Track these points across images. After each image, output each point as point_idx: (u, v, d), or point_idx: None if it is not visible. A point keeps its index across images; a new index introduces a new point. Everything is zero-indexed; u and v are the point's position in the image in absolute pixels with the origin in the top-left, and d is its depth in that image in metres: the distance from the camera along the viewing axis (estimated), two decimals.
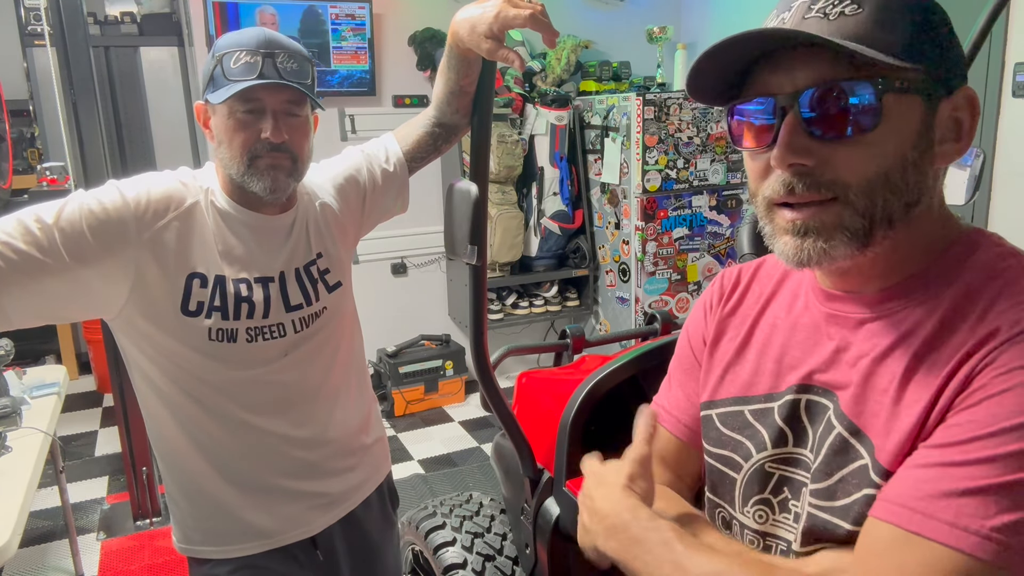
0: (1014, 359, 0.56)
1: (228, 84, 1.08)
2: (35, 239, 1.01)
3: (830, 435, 0.68)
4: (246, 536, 1.23)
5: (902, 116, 0.61)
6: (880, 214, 0.62)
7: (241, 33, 1.12)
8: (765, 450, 0.74)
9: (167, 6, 4.10)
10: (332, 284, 1.26)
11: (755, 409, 0.76)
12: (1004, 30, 2.80)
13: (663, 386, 0.91)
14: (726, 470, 0.78)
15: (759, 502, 0.74)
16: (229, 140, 1.11)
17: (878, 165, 0.61)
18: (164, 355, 1.14)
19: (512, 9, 1.04)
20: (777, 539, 0.73)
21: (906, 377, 0.63)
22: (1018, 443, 0.54)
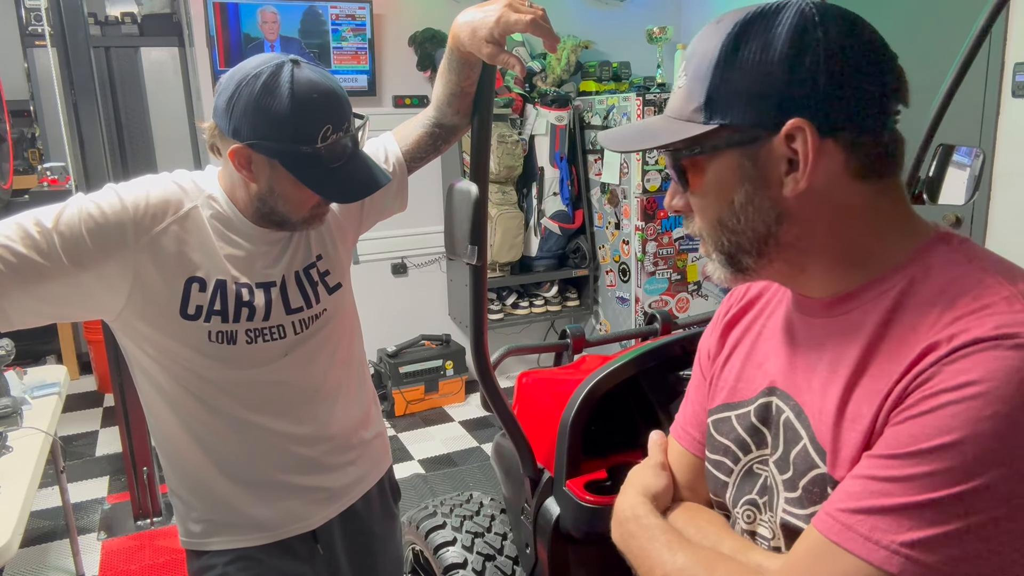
0: (945, 379, 0.57)
1: (319, 165, 1.06)
2: (34, 243, 1.01)
3: (795, 444, 0.71)
4: (246, 528, 1.24)
5: (716, 170, 0.68)
6: (731, 248, 0.70)
7: (315, 86, 1.05)
8: (751, 452, 0.77)
9: (167, 6, 4.11)
10: (332, 286, 1.26)
11: (739, 414, 0.79)
12: (1004, 30, 2.80)
13: (682, 403, 0.94)
14: (720, 475, 0.81)
15: (747, 503, 0.77)
16: (293, 199, 1.11)
17: (710, 213, 0.70)
18: (165, 355, 1.15)
19: (513, 14, 1.04)
20: (762, 538, 0.76)
21: (850, 388, 0.65)
22: (932, 464, 0.55)
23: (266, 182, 1.10)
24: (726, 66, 0.65)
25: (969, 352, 0.57)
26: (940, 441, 0.55)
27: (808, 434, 0.69)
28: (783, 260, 0.70)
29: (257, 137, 1.05)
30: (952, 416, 0.55)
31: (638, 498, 0.82)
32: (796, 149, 0.63)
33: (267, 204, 1.13)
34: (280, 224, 1.16)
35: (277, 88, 1.03)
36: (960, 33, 1.44)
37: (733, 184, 0.67)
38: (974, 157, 1.43)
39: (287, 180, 1.08)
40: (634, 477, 0.87)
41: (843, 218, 0.67)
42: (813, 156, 0.63)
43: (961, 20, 2.56)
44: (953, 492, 0.55)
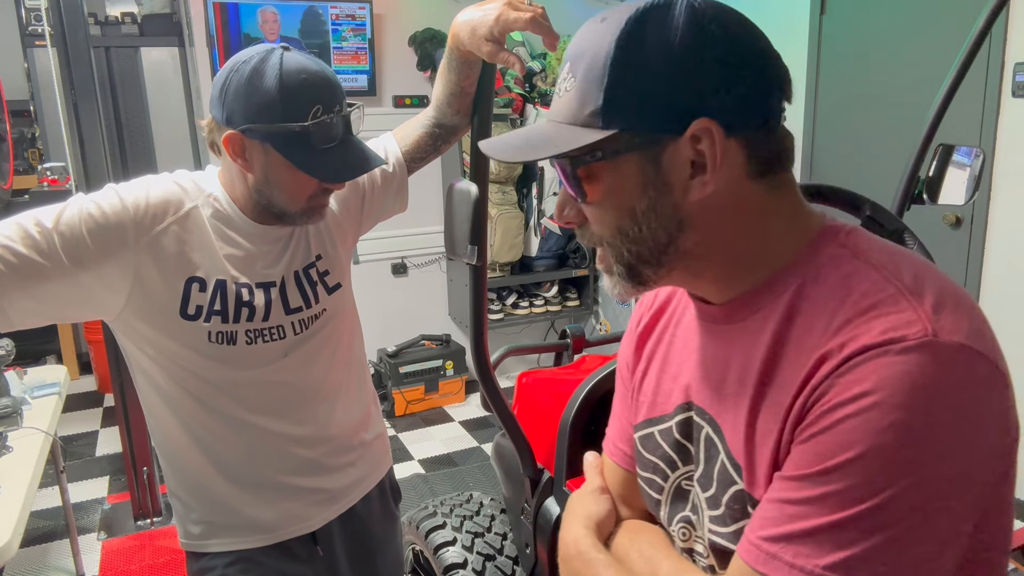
0: (840, 392, 0.56)
1: (310, 147, 1.06)
2: (35, 243, 1.01)
3: (715, 460, 0.69)
4: (246, 530, 1.24)
5: (617, 177, 0.64)
6: (633, 259, 0.66)
7: (304, 75, 1.05)
8: (677, 468, 0.74)
9: (167, 6, 4.10)
10: (332, 286, 1.26)
11: (662, 429, 0.76)
12: (1004, 30, 2.80)
13: (611, 416, 0.90)
14: (652, 492, 0.78)
15: (681, 520, 0.75)
16: (290, 188, 1.11)
17: (611, 221, 0.66)
18: (165, 355, 1.15)
19: (513, 12, 1.04)
20: (700, 555, 0.73)
21: (757, 401, 0.64)
22: (840, 482, 0.55)
23: (261, 170, 1.10)
24: (623, 67, 0.60)
25: (860, 361, 0.55)
26: (844, 457, 0.54)
27: (724, 449, 0.67)
28: (682, 268, 0.67)
29: (248, 121, 1.05)
30: (852, 430, 0.54)
31: (581, 531, 0.79)
32: (702, 151, 0.61)
33: (264, 195, 1.12)
34: (279, 217, 1.15)
35: (265, 71, 1.04)
36: (960, 33, 1.44)
37: (635, 191, 0.63)
38: (974, 157, 1.43)
39: (281, 166, 1.08)
40: (575, 506, 0.84)
41: (740, 220, 0.64)
42: (720, 157, 0.60)
43: (961, 20, 2.55)
44: (865, 508, 0.54)
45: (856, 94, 3.43)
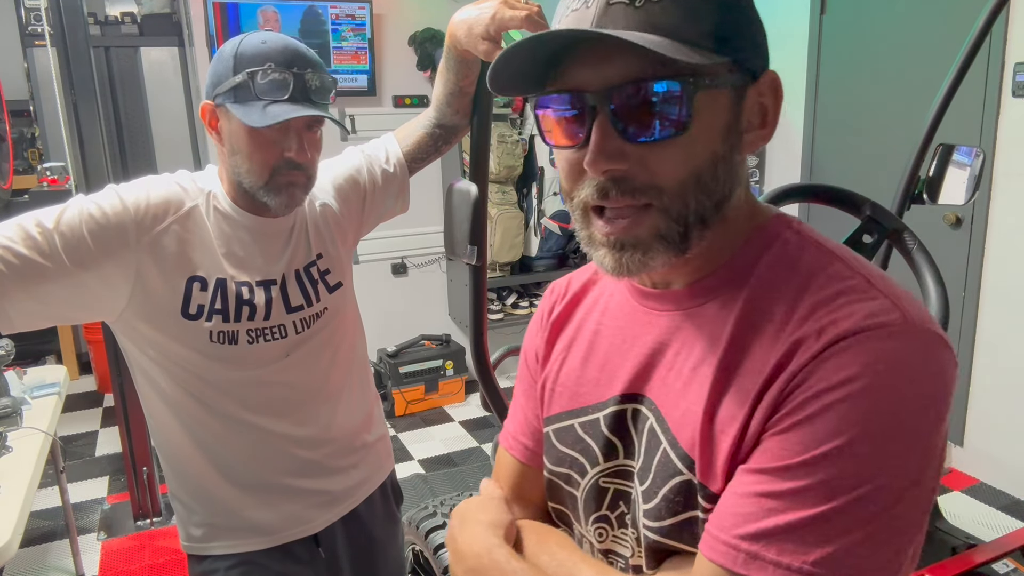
0: (824, 378, 0.53)
1: (259, 103, 1.07)
2: (36, 243, 1.01)
3: (656, 450, 0.64)
4: (248, 533, 1.23)
5: (712, 112, 0.57)
6: (693, 218, 0.58)
7: (265, 41, 1.10)
8: (598, 464, 0.70)
9: (167, 6, 4.10)
10: (333, 285, 1.26)
11: (584, 421, 0.71)
12: (1004, 30, 2.80)
13: (510, 408, 0.85)
14: (567, 487, 0.73)
15: (598, 519, 0.71)
16: (249, 155, 1.11)
17: (690, 166, 0.57)
18: (166, 356, 1.15)
19: (508, 10, 1.05)
20: (617, 556, 0.70)
21: (718, 389, 0.60)
22: (827, 471, 0.52)
23: (228, 139, 1.12)
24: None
25: (844, 347, 0.53)
26: (832, 445, 0.52)
27: (669, 439, 0.63)
28: (705, 241, 0.60)
29: (214, 88, 1.10)
30: (839, 417, 0.52)
31: (493, 539, 0.69)
32: (764, 104, 0.59)
33: (235, 171, 1.13)
34: (253, 196, 1.14)
35: (230, 46, 1.10)
36: (960, 33, 1.44)
37: (721, 132, 0.57)
38: (974, 157, 1.43)
39: (239, 130, 1.10)
40: (476, 513, 0.74)
41: (741, 189, 0.62)
42: (776, 113, 0.59)
43: (961, 20, 2.56)
44: (852, 497, 0.51)
45: (856, 94, 3.43)
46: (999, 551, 1.13)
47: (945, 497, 2.98)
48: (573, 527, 0.75)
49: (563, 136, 0.59)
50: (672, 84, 0.55)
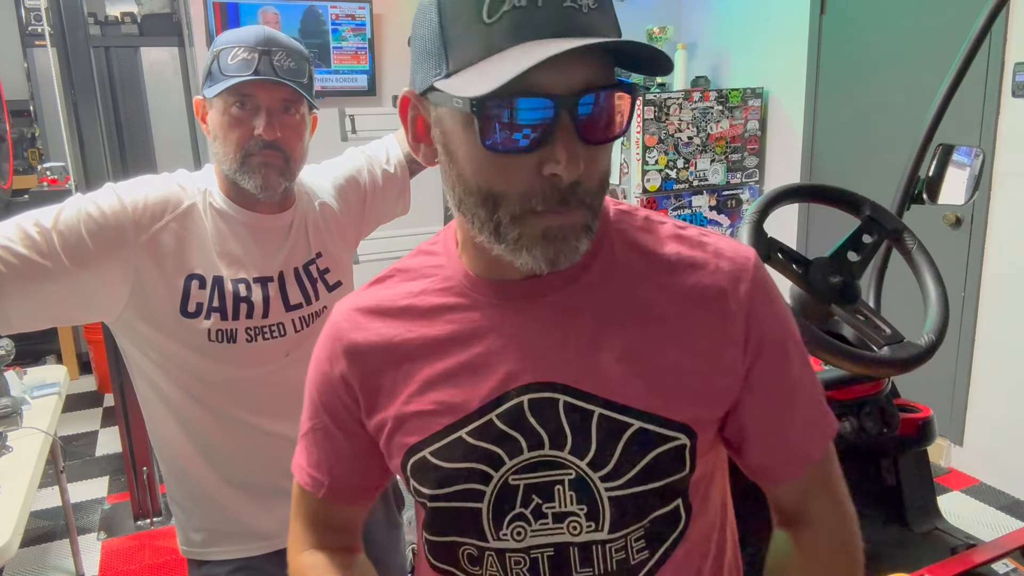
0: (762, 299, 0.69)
1: (223, 79, 1.09)
2: (34, 243, 1.01)
3: (589, 420, 0.66)
4: (246, 538, 1.23)
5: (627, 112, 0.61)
6: (600, 211, 0.64)
7: (241, 30, 1.13)
8: (505, 463, 0.68)
9: (167, 6, 4.10)
10: (332, 283, 1.26)
11: (475, 428, 0.68)
12: (1004, 30, 2.80)
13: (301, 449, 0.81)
14: (466, 504, 0.70)
15: (514, 519, 0.69)
16: (224, 135, 1.12)
17: (608, 165, 0.64)
18: (165, 357, 1.14)
19: None
20: (544, 548, 0.70)
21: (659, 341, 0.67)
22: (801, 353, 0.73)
23: (211, 128, 1.14)
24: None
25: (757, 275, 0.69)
26: (794, 338, 0.72)
27: (601, 403, 0.66)
28: None
29: (202, 83, 1.13)
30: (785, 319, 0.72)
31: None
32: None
33: (219, 160, 1.14)
34: (235, 182, 1.14)
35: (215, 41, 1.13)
36: (960, 33, 1.44)
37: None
38: (974, 157, 1.43)
39: (213, 113, 1.13)
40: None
41: None
42: None
43: (961, 20, 2.56)
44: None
45: (856, 94, 3.43)
46: (999, 551, 1.13)
47: (945, 497, 2.98)
48: (468, 549, 0.72)
49: (509, 139, 0.57)
50: (627, 90, 0.59)
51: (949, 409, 3.13)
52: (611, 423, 0.66)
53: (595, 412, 0.67)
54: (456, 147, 0.61)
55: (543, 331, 0.68)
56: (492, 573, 0.71)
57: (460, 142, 0.60)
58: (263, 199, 1.16)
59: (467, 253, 0.70)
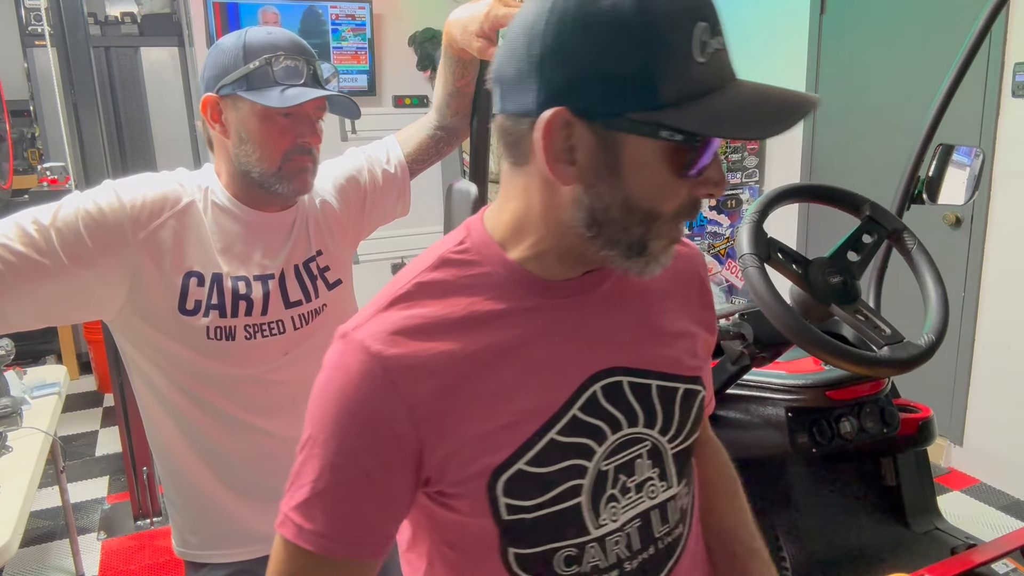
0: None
1: (276, 87, 1.09)
2: (32, 241, 1.01)
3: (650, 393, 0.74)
4: (244, 541, 1.23)
5: None
6: None
7: (270, 32, 1.13)
8: (595, 453, 0.71)
9: (167, 6, 4.10)
10: (332, 282, 1.26)
11: (563, 426, 0.70)
12: (1004, 30, 2.80)
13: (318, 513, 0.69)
14: (567, 503, 0.70)
15: (608, 501, 0.72)
16: (261, 142, 1.11)
17: None
18: (163, 355, 1.14)
19: (503, 8, 1.06)
20: (633, 519, 0.75)
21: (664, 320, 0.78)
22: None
23: (235, 129, 1.12)
24: None
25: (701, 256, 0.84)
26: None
27: (655, 375, 0.75)
28: None
29: (219, 80, 1.11)
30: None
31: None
32: None
33: (243, 162, 1.13)
34: (263, 187, 1.15)
35: (232, 39, 1.12)
36: (960, 33, 1.44)
37: None
38: (974, 157, 1.43)
39: (250, 116, 1.11)
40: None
41: None
42: None
43: (961, 20, 2.56)
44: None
45: (856, 94, 3.43)
46: (999, 551, 1.13)
47: (945, 497, 2.98)
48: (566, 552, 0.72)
49: (680, 164, 0.62)
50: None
51: (949, 409, 3.13)
52: (665, 391, 0.75)
53: (652, 385, 0.75)
54: (632, 170, 0.62)
55: (596, 321, 0.73)
56: (594, 564, 0.73)
57: (639, 166, 0.62)
58: (289, 201, 1.19)
59: (535, 258, 0.70)
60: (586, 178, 0.63)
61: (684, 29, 0.58)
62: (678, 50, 0.59)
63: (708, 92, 0.60)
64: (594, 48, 0.58)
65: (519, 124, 0.63)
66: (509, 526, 0.70)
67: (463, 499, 0.69)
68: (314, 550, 0.70)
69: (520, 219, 0.69)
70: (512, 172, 0.68)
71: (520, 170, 0.67)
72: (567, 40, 0.59)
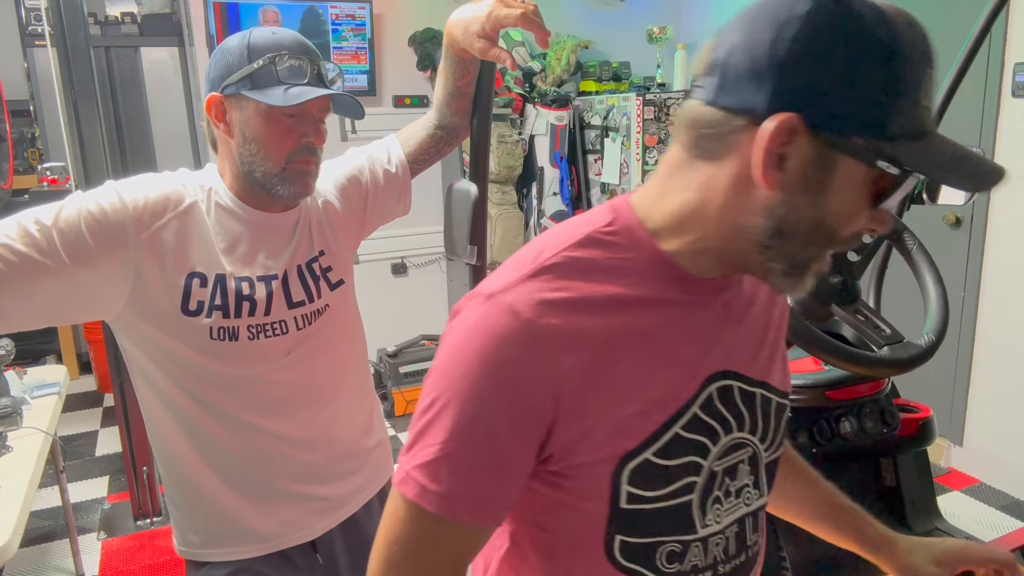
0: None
1: (279, 85, 1.09)
2: (34, 241, 1.01)
3: (755, 401, 0.76)
4: (245, 540, 1.23)
5: None
6: None
7: (275, 32, 1.13)
8: (709, 452, 0.72)
9: (167, 6, 4.10)
10: (334, 282, 1.26)
11: (685, 423, 0.71)
12: (1004, 30, 2.80)
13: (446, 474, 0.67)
14: (682, 499, 0.71)
15: (714, 502, 0.74)
16: (266, 141, 1.11)
17: None
18: (165, 356, 1.14)
19: (504, 8, 1.06)
20: (732, 524, 0.77)
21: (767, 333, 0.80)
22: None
23: (239, 129, 1.12)
24: None
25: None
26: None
27: (758, 384, 0.77)
28: None
29: (223, 80, 1.11)
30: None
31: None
32: None
33: (247, 162, 1.13)
34: (265, 187, 1.14)
35: (237, 39, 1.12)
36: (960, 33, 1.44)
37: None
38: None
39: (254, 116, 1.11)
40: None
41: None
42: None
43: (961, 20, 2.56)
44: None
45: None
46: None
47: (945, 497, 2.98)
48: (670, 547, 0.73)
49: (876, 196, 0.64)
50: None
51: (949, 409, 3.13)
52: (767, 401, 0.77)
53: (756, 393, 0.76)
54: (837, 191, 0.62)
55: (717, 323, 0.74)
56: (694, 563, 0.74)
57: (845, 189, 0.62)
58: (291, 203, 1.19)
59: (691, 254, 0.69)
60: (790, 188, 0.62)
61: (922, 72, 0.60)
62: (914, 90, 0.60)
63: (921, 135, 0.62)
64: (843, 67, 0.58)
65: (731, 119, 0.62)
66: (625, 514, 0.70)
67: (579, 480, 0.69)
68: (436, 511, 0.68)
69: (688, 213, 0.67)
70: (690, 164, 0.66)
71: (704, 163, 0.65)
72: (818, 52, 0.59)
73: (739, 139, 0.62)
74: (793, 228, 0.63)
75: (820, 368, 1.52)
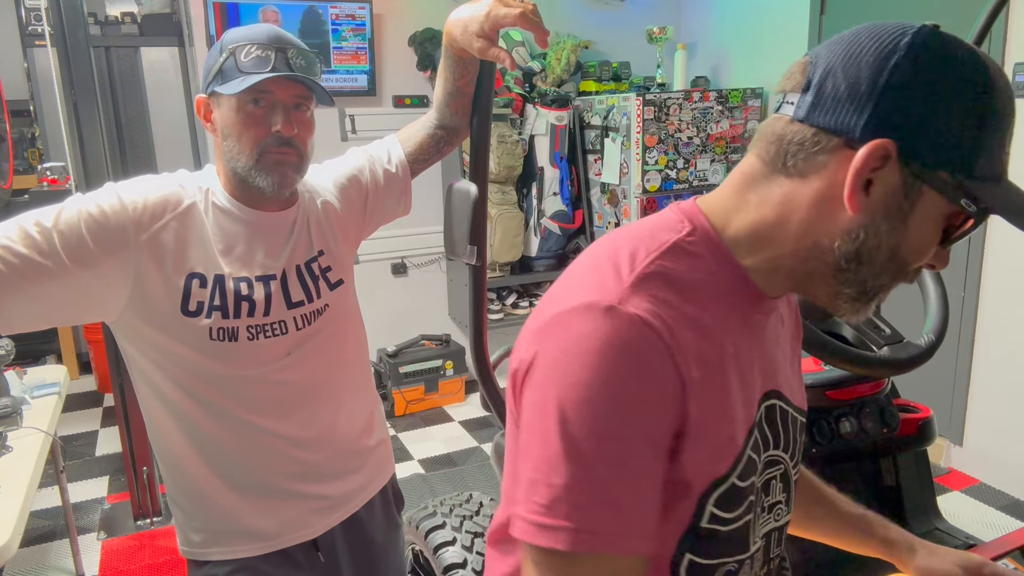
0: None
1: (241, 76, 1.09)
2: (34, 243, 1.01)
3: (787, 420, 0.78)
4: (246, 538, 1.23)
5: None
6: None
7: (251, 28, 1.14)
8: (757, 473, 0.72)
9: (167, 6, 4.11)
10: (334, 282, 1.26)
11: (752, 443, 0.71)
12: (1004, 30, 2.79)
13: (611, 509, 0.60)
14: (747, 519, 0.71)
15: (757, 521, 0.75)
16: (238, 134, 1.12)
17: None
18: (165, 356, 1.14)
19: (503, 8, 1.06)
20: (763, 539, 0.77)
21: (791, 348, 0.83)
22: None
23: (220, 126, 1.14)
24: None
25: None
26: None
27: (792, 404, 0.78)
28: None
29: (206, 80, 1.14)
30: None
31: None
32: None
33: (229, 159, 1.14)
34: (245, 180, 1.14)
35: (220, 39, 1.15)
36: (960, 33, 1.44)
37: None
38: None
39: (228, 111, 1.12)
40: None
41: None
42: None
43: (961, 20, 2.55)
44: None
45: None
46: (999, 551, 1.13)
47: (945, 497, 2.98)
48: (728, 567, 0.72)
49: (947, 232, 0.67)
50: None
51: (949, 409, 3.13)
52: (796, 422, 0.79)
53: (789, 412, 0.78)
54: (917, 222, 0.63)
55: (768, 343, 0.74)
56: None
57: (924, 221, 0.64)
58: (274, 196, 1.17)
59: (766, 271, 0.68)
60: (874, 213, 0.62)
61: (1010, 119, 0.62)
62: (1001, 134, 0.62)
63: (999, 179, 0.64)
64: (943, 102, 0.59)
65: (823, 138, 0.62)
66: (701, 534, 0.67)
67: (667, 499, 0.65)
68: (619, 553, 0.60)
69: (766, 229, 0.66)
70: (769, 178, 0.65)
71: (786, 179, 0.64)
72: (918, 85, 0.60)
73: (828, 159, 0.62)
74: (870, 255, 0.63)
75: (820, 368, 1.52)
